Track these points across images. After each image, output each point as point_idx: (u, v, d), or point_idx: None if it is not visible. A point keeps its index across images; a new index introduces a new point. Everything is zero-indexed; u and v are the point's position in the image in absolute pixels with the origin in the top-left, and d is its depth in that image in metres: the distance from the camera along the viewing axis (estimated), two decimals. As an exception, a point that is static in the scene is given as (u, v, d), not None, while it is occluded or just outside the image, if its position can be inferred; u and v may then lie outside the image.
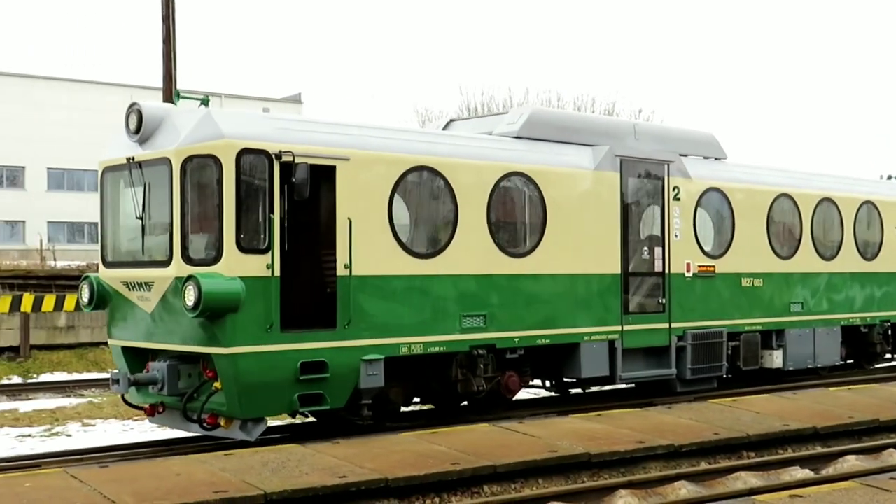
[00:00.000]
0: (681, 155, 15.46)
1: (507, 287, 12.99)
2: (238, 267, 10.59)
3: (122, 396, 11.66)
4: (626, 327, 14.38)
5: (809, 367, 17.58)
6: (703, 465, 10.67)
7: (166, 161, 10.75)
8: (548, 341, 13.45)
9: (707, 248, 15.73)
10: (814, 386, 16.88)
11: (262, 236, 10.80)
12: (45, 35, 76.24)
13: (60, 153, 56.59)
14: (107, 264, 11.88)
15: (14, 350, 22.08)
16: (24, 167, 58.11)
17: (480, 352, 12.70)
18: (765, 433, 11.56)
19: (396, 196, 11.96)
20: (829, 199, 17.92)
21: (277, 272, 10.85)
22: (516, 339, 13.09)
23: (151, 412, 11.71)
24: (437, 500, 9.17)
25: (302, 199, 10.90)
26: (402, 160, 12.00)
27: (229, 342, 10.56)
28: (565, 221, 13.62)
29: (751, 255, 16.37)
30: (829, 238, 18.00)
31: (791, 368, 17.10)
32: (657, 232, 15.12)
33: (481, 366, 12.73)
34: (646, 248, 14.97)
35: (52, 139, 56.13)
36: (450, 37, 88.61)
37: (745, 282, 16.29)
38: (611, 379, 14.49)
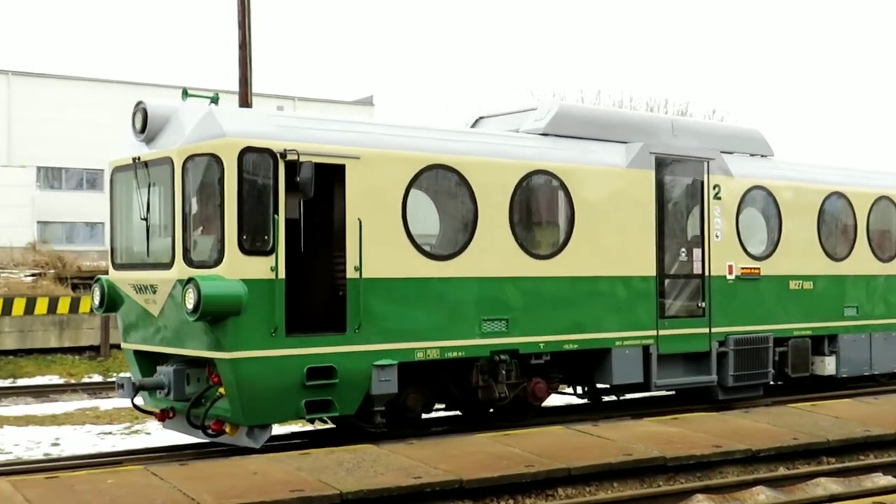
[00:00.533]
0: (722, 152, 14.66)
1: (531, 290, 12.39)
2: (240, 269, 10.20)
3: (132, 401, 11.36)
4: (661, 332, 13.66)
5: (866, 374, 16.56)
6: (782, 471, 10.39)
7: (169, 161, 10.43)
8: (576, 346, 12.82)
9: (751, 250, 14.90)
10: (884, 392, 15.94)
11: (266, 238, 10.39)
12: (84, 37, 76.85)
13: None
14: (116, 266, 11.62)
15: (95, 349, 22.84)
16: (102, 170, 59.08)
17: (502, 357, 12.12)
18: (846, 438, 11.17)
19: (411, 196, 11.44)
20: (887, 198, 16.89)
21: (282, 274, 10.44)
22: (541, 345, 12.48)
23: (162, 417, 11.41)
24: (510, 501, 9.09)
25: (307, 199, 10.48)
26: (417, 158, 11.49)
27: (231, 347, 10.18)
28: (595, 222, 12.97)
29: (800, 257, 15.49)
30: (888, 238, 16.96)
31: (845, 375, 16.11)
32: (696, 232, 14.35)
33: (503, 372, 12.16)
34: (683, 250, 14.21)
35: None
36: (522, 39, 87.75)
37: (793, 284, 15.41)
38: (645, 386, 13.75)
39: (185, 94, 11.09)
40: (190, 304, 9.96)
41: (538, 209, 12.96)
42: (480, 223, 11.94)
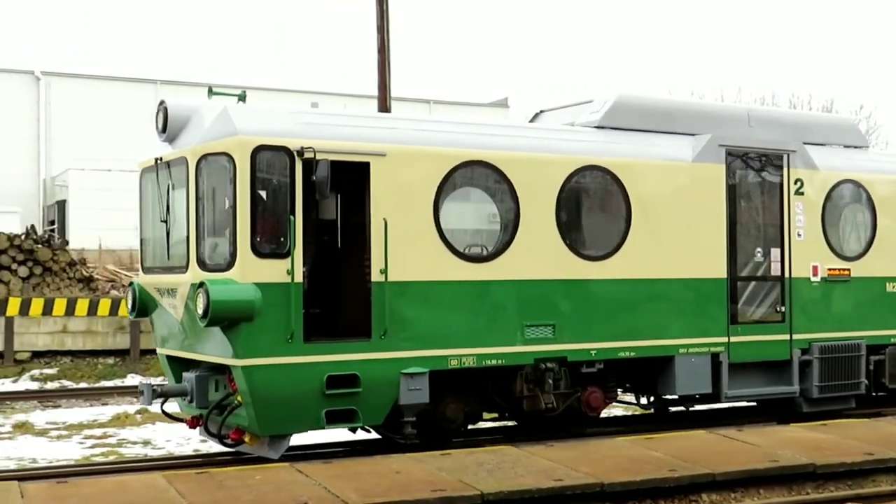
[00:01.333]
0: (806, 143, 13.29)
1: (581, 294, 11.44)
2: (253, 273, 9.64)
3: (161, 408, 10.96)
4: (733, 339, 12.45)
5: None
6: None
7: (184, 161, 9.97)
8: (633, 354, 11.77)
9: (840, 250, 13.49)
10: None
11: (282, 240, 9.80)
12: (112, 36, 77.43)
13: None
14: (144, 269, 11.28)
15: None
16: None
17: (549, 365, 11.20)
18: None
19: (444, 194, 10.67)
20: None
21: (300, 278, 9.83)
22: (593, 352, 11.50)
23: (193, 424, 10.97)
24: (651, 506, 8.76)
25: (324, 198, 9.85)
26: (451, 155, 10.71)
27: (244, 353, 9.64)
28: (654, 220, 11.90)
29: None
30: None
31: None
32: (774, 231, 13.06)
33: (549, 381, 11.23)
34: (759, 250, 12.94)
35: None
36: (658, 38, 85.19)
37: (891, 287, 13.88)
38: (715, 396, 12.57)
39: (210, 92, 10.63)
40: (200, 310, 9.48)
41: (590, 207, 11.97)
42: (523, 223, 11.07)
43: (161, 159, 10.46)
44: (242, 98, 10.66)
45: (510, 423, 12.75)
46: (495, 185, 11.07)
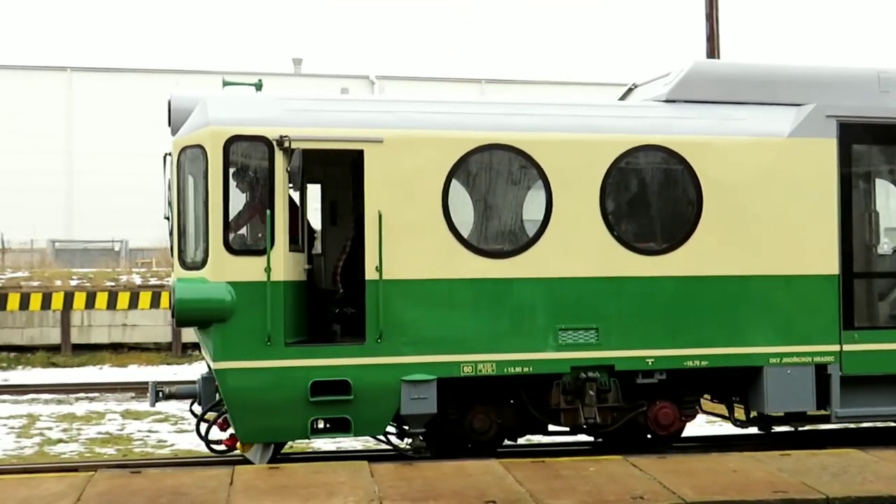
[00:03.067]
0: (955, 109, 10.46)
1: (633, 293, 9.60)
2: (227, 271, 8.81)
3: (191, 409, 10.38)
4: (847, 347, 10.02)
5: None
6: None
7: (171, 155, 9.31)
8: (705, 364, 9.74)
9: None
10: None
11: (259, 235, 8.88)
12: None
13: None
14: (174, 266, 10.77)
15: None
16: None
17: (590, 374, 9.47)
18: None
19: (455, 183, 9.30)
20: None
21: (280, 276, 8.86)
22: (650, 361, 9.61)
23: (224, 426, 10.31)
24: None
25: (297, 189, 8.82)
26: (464, 138, 9.29)
27: (218, 356, 8.83)
28: (734, 207, 9.81)
29: None
30: None
31: None
32: (910, 216, 10.40)
33: (591, 392, 9.49)
34: (887, 241, 10.35)
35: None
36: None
37: None
38: (822, 415, 10.19)
39: (224, 83, 9.91)
40: (171, 310, 8.76)
41: (647, 194, 10.02)
42: (556, 213, 9.43)
43: (169, 154, 9.88)
44: (259, 87, 9.87)
45: (588, 439, 11.01)
46: (521, 170, 9.50)
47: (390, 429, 9.79)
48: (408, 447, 9.52)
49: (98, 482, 7.98)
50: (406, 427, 9.58)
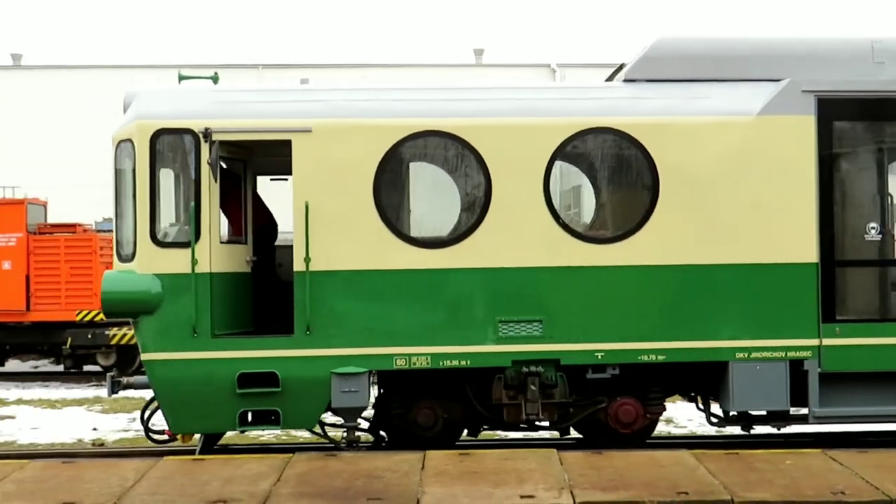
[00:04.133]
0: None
1: (580, 283, 8.97)
2: (153, 263, 8.72)
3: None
4: (828, 341, 9.07)
5: None
6: None
7: None
8: (662, 358, 9.01)
9: None
10: None
11: (185, 228, 8.74)
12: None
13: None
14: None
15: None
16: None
17: (532, 368, 8.90)
18: None
19: (387, 171, 8.88)
20: None
21: (207, 268, 8.71)
22: (599, 355, 8.96)
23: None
24: None
25: (216, 181, 8.61)
26: (396, 126, 8.87)
27: (146, 348, 8.77)
28: (695, 192, 9.03)
29: None
30: None
31: None
32: (902, 198, 9.31)
33: (533, 387, 8.92)
34: (874, 226, 9.30)
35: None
36: None
37: None
38: (798, 415, 9.28)
39: (180, 77, 9.81)
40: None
41: (598, 180, 9.33)
42: (495, 200, 8.89)
43: None
44: (215, 80, 9.72)
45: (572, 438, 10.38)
46: (457, 157, 9.00)
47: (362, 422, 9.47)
48: (342, 439, 9.17)
49: (296, 464, 8.21)
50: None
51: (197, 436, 9.28)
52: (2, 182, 22.91)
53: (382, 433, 9.63)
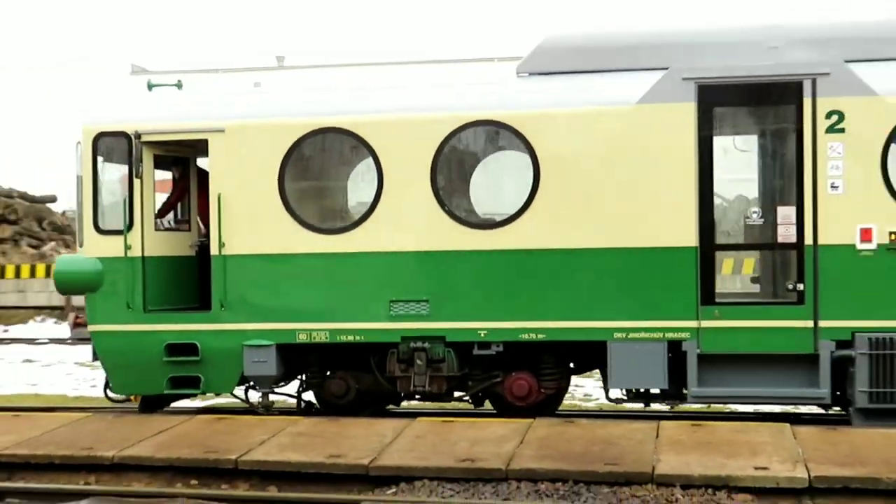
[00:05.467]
0: (852, 61, 9.05)
1: (465, 266, 9.51)
2: (96, 248, 9.98)
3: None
4: (706, 323, 9.16)
5: None
6: None
7: None
8: (542, 337, 9.41)
9: (919, 204, 8.95)
10: None
11: (121, 218, 9.92)
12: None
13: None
14: None
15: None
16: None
17: (419, 344, 9.53)
18: None
19: (290, 166, 9.69)
20: None
21: (138, 252, 9.87)
22: (482, 333, 9.46)
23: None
24: None
25: (138, 178, 9.72)
26: (296, 125, 9.67)
27: (91, 320, 10.07)
28: (573, 180, 9.33)
29: None
30: None
31: None
32: (787, 184, 9.23)
33: (420, 361, 9.54)
34: (757, 210, 9.26)
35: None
36: None
37: None
38: (678, 394, 9.41)
39: (149, 85, 10.99)
40: None
41: (482, 170, 9.76)
42: (386, 191, 9.54)
43: None
44: (179, 86, 10.83)
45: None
46: (352, 151, 9.70)
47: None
48: (258, 404, 10.11)
49: (537, 428, 8.82)
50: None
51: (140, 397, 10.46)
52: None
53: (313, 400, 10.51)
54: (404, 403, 10.97)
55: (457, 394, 10.11)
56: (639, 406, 10.19)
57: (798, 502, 7.33)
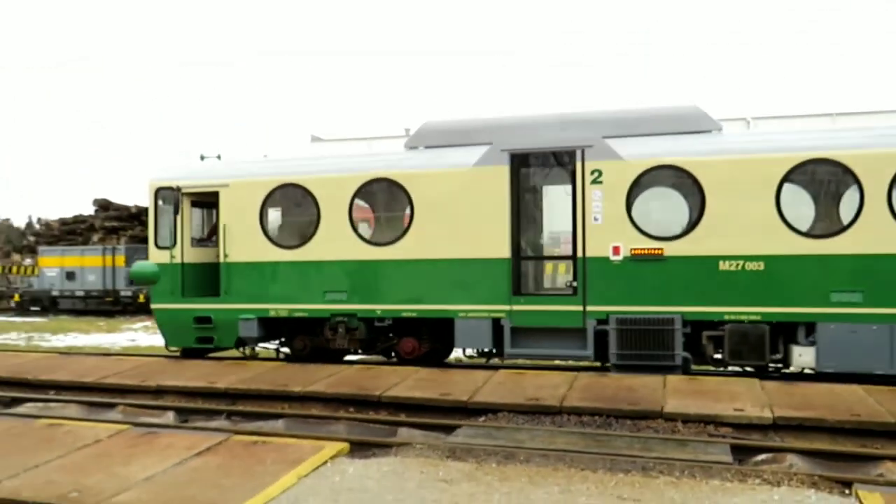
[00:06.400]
0: (608, 137, 13.66)
1: (369, 270, 14.65)
2: (155, 257, 15.78)
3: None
4: (516, 307, 13.95)
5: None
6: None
7: None
8: (414, 314, 14.42)
9: (650, 230, 13.41)
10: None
11: (169, 238, 15.68)
12: None
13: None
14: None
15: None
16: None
17: (339, 318, 14.76)
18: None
19: (267, 207, 15.20)
20: None
21: (179, 260, 15.61)
22: (378, 311, 14.58)
23: None
24: None
25: (177, 214, 15.47)
26: (270, 181, 15.18)
27: (153, 301, 15.86)
28: (436, 214, 14.26)
29: (739, 235, 13.00)
30: None
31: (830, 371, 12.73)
32: (566, 217, 13.84)
33: (341, 330, 14.78)
34: (546, 234, 13.95)
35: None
36: None
37: (724, 265, 13.07)
38: (500, 354, 14.21)
39: (201, 157, 16.77)
40: None
41: (381, 207, 14.88)
42: (323, 223, 14.87)
43: None
44: (219, 157, 16.57)
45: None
46: (303, 198, 15.05)
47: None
48: (250, 352, 15.64)
49: (581, 378, 12.22)
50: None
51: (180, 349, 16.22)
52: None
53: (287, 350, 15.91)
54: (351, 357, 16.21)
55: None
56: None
57: (765, 435, 9.45)
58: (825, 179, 12.98)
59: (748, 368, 13.60)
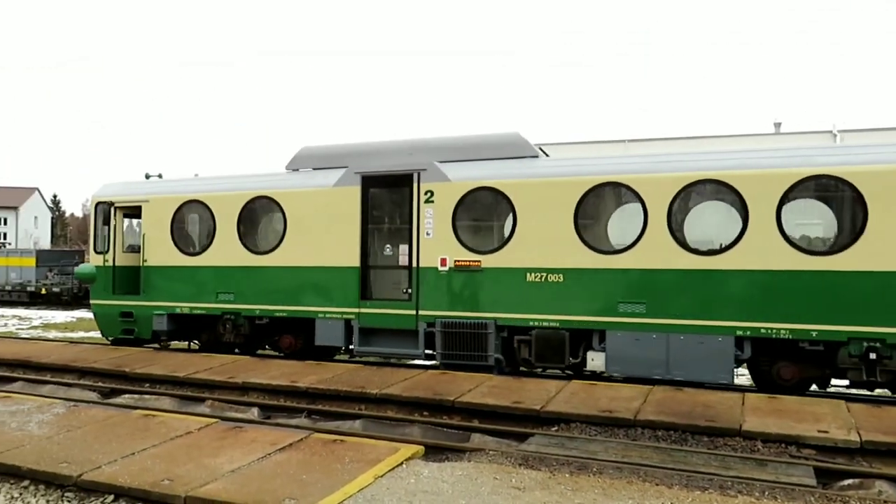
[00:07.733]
0: (444, 161, 14.98)
1: (251, 275, 16.49)
2: (94, 260, 18.13)
3: None
4: (363, 310, 15.46)
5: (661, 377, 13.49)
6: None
7: None
8: (285, 314, 16.15)
9: (471, 244, 14.68)
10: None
11: (105, 244, 17.98)
12: None
13: None
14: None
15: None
16: None
17: (228, 316, 16.65)
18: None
19: (176, 220, 17.29)
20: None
21: (111, 263, 17.89)
22: (257, 311, 16.40)
23: None
24: None
25: (106, 226, 17.73)
26: (179, 198, 17.27)
27: (91, 297, 18.21)
28: (304, 228, 15.96)
29: (543, 250, 14.11)
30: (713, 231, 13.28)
31: (618, 374, 13.72)
32: (405, 232, 15.25)
33: (228, 326, 16.66)
34: (389, 246, 15.41)
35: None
36: None
37: (531, 277, 14.22)
38: (350, 350, 15.72)
39: (146, 175, 19.03)
40: None
41: (260, 222, 16.66)
42: (217, 234, 16.83)
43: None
44: (160, 176, 18.81)
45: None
46: (203, 212, 17.02)
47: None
48: (163, 345, 17.69)
49: (656, 392, 11.05)
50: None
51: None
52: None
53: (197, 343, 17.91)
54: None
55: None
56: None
57: (851, 459, 8.66)
58: (615, 201, 13.88)
59: (567, 371, 14.59)
